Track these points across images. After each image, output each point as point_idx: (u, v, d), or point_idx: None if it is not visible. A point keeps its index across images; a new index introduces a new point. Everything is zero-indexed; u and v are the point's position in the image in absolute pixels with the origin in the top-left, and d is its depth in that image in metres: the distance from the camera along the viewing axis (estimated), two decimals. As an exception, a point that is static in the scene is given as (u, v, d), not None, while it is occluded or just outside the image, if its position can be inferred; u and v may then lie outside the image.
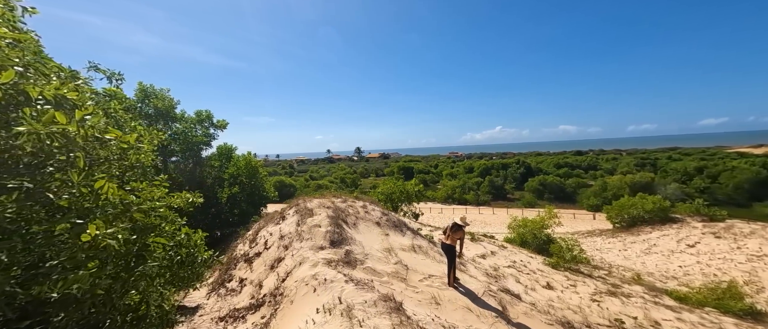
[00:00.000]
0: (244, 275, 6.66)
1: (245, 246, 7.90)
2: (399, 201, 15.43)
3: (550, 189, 51.25)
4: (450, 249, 6.24)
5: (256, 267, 6.74)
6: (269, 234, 7.86)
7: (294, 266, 6.03)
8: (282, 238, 7.34)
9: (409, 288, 6.00)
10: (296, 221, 7.82)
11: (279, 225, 8.17)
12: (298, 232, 7.24)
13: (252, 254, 7.30)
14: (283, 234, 7.52)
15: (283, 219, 8.38)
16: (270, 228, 8.24)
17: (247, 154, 13.55)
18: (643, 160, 69.65)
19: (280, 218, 8.54)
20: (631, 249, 15.45)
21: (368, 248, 7.26)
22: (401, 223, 9.63)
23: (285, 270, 5.99)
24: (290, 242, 7.01)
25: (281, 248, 6.95)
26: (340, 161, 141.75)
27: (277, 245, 7.17)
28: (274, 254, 6.82)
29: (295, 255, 6.38)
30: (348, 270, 6.06)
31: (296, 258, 6.25)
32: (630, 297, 7.91)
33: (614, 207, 19.80)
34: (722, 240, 13.56)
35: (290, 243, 6.94)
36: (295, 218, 8.03)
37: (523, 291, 7.31)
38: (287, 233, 7.46)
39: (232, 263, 7.41)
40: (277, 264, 6.40)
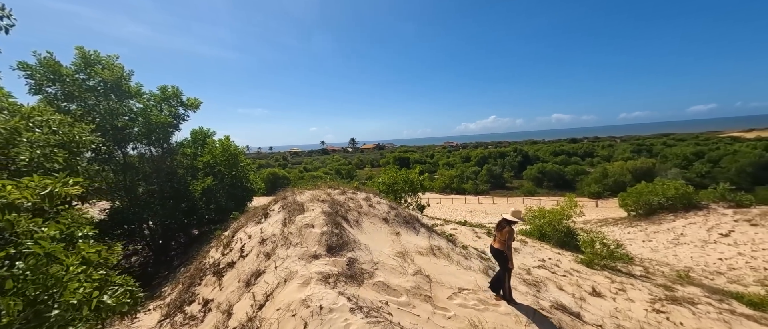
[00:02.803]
0: (210, 295, 4.93)
1: (217, 253, 6.14)
2: (403, 191, 13.75)
3: (549, 176, 50.31)
4: (499, 255, 4.67)
5: (228, 283, 5.00)
6: (247, 236, 6.10)
7: (277, 284, 4.31)
8: (263, 243, 5.60)
9: (437, 311, 4.35)
10: (282, 219, 6.07)
11: (260, 224, 6.41)
12: (284, 235, 5.50)
13: (224, 264, 5.55)
14: (264, 237, 5.77)
15: (265, 217, 6.62)
16: (249, 229, 6.48)
17: (225, 138, 11.57)
18: (639, 146, 69.35)
19: (262, 216, 6.76)
20: (656, 239, 14.15)
21: (377, 253, 5.57)
22: (413, 219, 7.96)
23: (264, 291, 4.27)
24: (273, 248, 5.28)
25: (261, 256, 5.22)
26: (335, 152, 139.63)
27: (256, 252, 5.43)
28: (252, 265, 5.09)
29: (280, 267, 4.66)
30: (353, 288, 4.36)
31: (280, 272, 4.53)
32: (696, 305, 6.46)
33: (631, 194, 18.50)
34: (761, 227, 12.32)
35: (273, 250, 5.21)
36: (281, 215, 6.28)
37: (574, 303, 5.76)
38: (270, 236, 5.72)
39: (198, 276, 5.65)
40: (255, 280, 4.68)
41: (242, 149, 11.68)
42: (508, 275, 4.70)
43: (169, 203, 9.47)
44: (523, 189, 46.69)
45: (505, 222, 4.80)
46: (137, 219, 9.35)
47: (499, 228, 4.85)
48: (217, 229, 7.69)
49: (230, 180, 10.94)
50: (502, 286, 4.80)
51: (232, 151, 11.00)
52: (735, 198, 15.78)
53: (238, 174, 11.21)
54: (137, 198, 9.16)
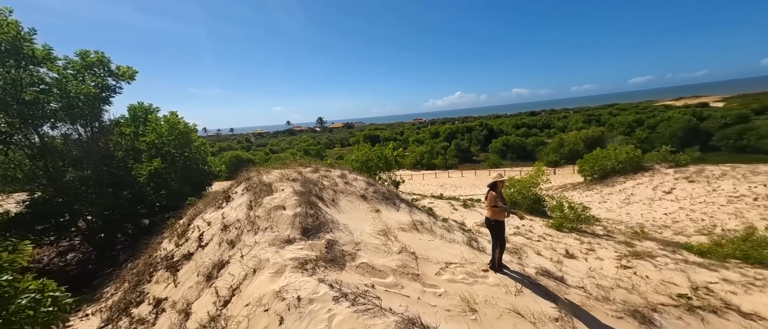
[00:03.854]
0: (162, 293, 4.18)
1: (170, 245, 5.29)
2: (377, 168, 13.31)
3: (512, 148, 52.90)
4: (488, 224, 4.50)
5: (184, 278, 4.27)
6: (206, 223, 5.30)
7: (244, 276, 3.70)
8: (225, 230, 4.86)
9: (427, 289, 4.06)
10: (247, 202, 5.33)
11: (221, 209, 5.60)
12: (250, 219, 4.80)
13: (179, 256, 4.76)
14: (227, 223, 5.02)
15: (227, 201, 5.80)
16: (208, 215, 5.65)
17: (171, 114, 9.97)
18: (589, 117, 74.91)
19: (223, 200, 5.93)
20: (610, 200, 15.39)
21: (358, 233, 5.11)
22: (392, 194, 7.57)
23: (229, 284, 3.64)
24: (238, 235, 4.59)
25: (224, 245, 4.51)
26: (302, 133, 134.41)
27: (217, 240, 4.70)
28: (213, 256, 4.38)
29: (247, 256, 4.02)
30: (335, 273, 3.89)
31: (248, 261, 3.91)
32: (656, 258, 6.98)
33: (587, 160, 19.84)
34: (696, 183, 13.84)
35: (238, 237, 4.52)
36: (246, 198, 5.51)
37: (552, 265, 5.87)
38: (233, 221, 4.98)
39: (147, 272, 4.82)
40: (217, 272, 4.01)
41: (193, 127, 10.23)
42: (501, 246, 4.52)
43: (108, 191, 8.06)
44: (489, 162, 48.75)
45: (490, 188, 4.57)
46: (67, 211, 7.89)
47: (486, 198, 4.62)
48: (171, 218, 6.70)
49: (183, 163, 9.58)
50: (493, 255, 4.64)
51: (181, 129, 9.52)
52: (674, 158, 17.54)
53: (193, 156, 9.86)
54: (64, 187, 7.63)
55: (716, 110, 51.92)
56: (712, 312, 4.56)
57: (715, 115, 44.92)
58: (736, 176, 13.37)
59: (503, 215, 4.54)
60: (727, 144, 36.65)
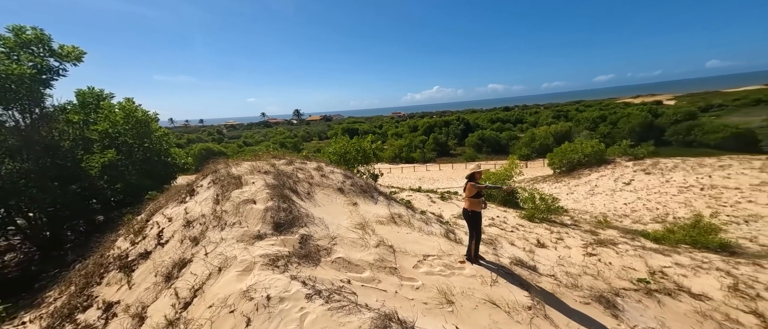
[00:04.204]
0: (114, 296, 3.79)
1: (125, 243, 4.83)
2: (355, 161, 13.09)
3: (487, 142, 54.50)
4: (465, 215, 4.54)
5: (140, 279, 3.90)
6: (167, 219, 4.88)
7: (208, 275, 3.42)
8: (188, 226, 4.50)
9: (404, 283, 4.00)
10: (213, 196, 4.96)
11: (185, 204, 5.19)
12: (216, 214, 4.47)
13: (134, 255, 4.35)
14: (190, 218, 4.65)
15: (191, 195, 5.38)
16: (170, 211, 5.21)
17: (127, 101, 9.02)
18: (559, 113, 78.76)
19: (186, 194, 5.49)
20: (577, 191, 16.27)
21: (334, 227, 4.94)
22: (370, 187, 7.43)
23: (191, 285, 3.35)
24: (203, 231, 4.25)
25: (187, 242, 4.17)
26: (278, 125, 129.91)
27: (179, 237, 4.34)
28: (174, 254, 4.03)
29: (212, 253, 3.73)
30: (309, 269, 3.71)
31: (213, 259, 3.62)
32: (617, 245, 7.44)
33: (557, 154, 20.80)
34: (652, 175, 14.95)
35: (202, 234, 4.19)
36: (212, 192, 5.13)
37: (525, 255, 6.05)
38: (198, 216, 4.62)
39: (97, 273, 4.36)
40: (178, 272, 3.69)
41: (154, 115, 9.35)
42: (477, 237, 4.54)
43: (52, 185, 7.18)
44: (466, 156, 49.93)
45: (468, 180, 4.57)
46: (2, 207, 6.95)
47: (464, 189, 4.62)
48: (127, 213, 6.13)
49: (142, 154, 8.77)
50: (469, 246, 4.67)
51: (139, 118, 8.65)
52: (633, 152, 18.83)
53: (154, 147, 9.03)
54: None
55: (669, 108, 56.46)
56: (667, 295, 4.90)
57: (667, 112, 48.82)
58: (686, 168, 14.62)
59: (480, 206, 4.55)
60: (678, 139, 40.05)
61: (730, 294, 5.06)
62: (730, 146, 33.38)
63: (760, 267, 6.16)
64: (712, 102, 67.27)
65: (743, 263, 6.42)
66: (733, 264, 6.31)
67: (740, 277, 5.70)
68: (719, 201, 11.15)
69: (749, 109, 54.27)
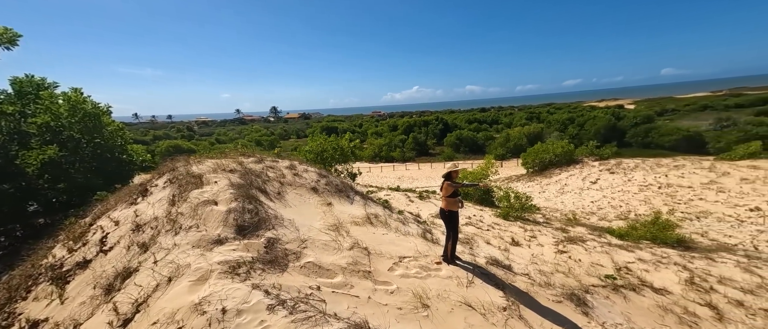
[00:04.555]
0: (42, 312, 3.29)
1: (62, 250, 4.26)
2: (333, 160, 12.73)
3: (465, 142, 55.71)
4: (442, 215, 4.45)
5: (75, 292, 3.42)
6: (113, 223, 4.37)
7: (156, 286, 3.04)
8: (138, 230, 4.03)
9: (378, 287, 3.81)
10: (169, 197, 4.50)
11: (135, 206, 4.68)
12: (170, 217, 4.03)
13: (70, 265, 3.83)
14: (140, 221, 4.17)
15: (143, 196, 4.87)
16: (118, 213, 4.68)
17: (73, 91, 8.03)
18: (531, 114, 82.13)
19: (138, 194, 4.97)
20: (548, 190, 16.91)
21: (305, 229, 4.65)
22: (346, 187, 7.17)
23: (134, 298, 2.95)
24: (154, 236, 3.82)
25: (134, 249, 3.71)
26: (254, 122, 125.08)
27: (125, 244, 3.87)
28: (118, 263, 3.58)
29: (162, 261, 3.33)
30: (274, 276, 3.42)
31: (162, 268, 3.23)
32: (586, 242, 7.71)
33: (530, 154, 21.53)
34: (616, 174, 15.85)
35: (153, 239, 3.76)
36: (168, 192, 4.66)
37: (501, 254, 6.07)
38: (149, 220, 4.15)
39: (23, 287, 3.79)
40: (121, 283, 3.26)
41: (105, 108, 8.41)
42: (454, 237, 4.44)
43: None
44: (444, 155, 50.73)
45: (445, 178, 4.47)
46: None
47: (441, 189, 4.51)
48: (70, 216, 5.46)
49: (92, 151, 7.86)
50: (445, 246, 4.56)
51: (88, 111, 7.73)
52: (599, 153, 19.88)
53: (106, 143, 8.12)
54: None
55: (629, 111, 60.58)
56: (631, 290, 5.07)
57: (628, 115, 52.32)
58: (646, 168, 15.66)
59: (457, 206, 4.46)
60: (637, 140, 43.03)
61: (687, 287, 5.34)
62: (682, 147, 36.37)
63: (711, 261, 6.59)
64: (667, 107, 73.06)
65: (697, 257, 6.85)
66: (689, 259, 6.71)
67: (695, 271, 6.05)
68: (674, 199, 12.00)
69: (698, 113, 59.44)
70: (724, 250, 7.61)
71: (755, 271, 6.08)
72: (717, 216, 10.24)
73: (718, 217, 10.18)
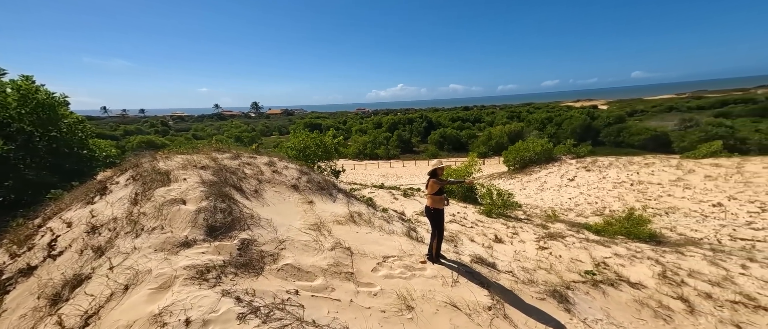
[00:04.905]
0: (-22, 331, 2.87)
1: (4, 256, 3.79)
2: (315, 157, 12.38)
3: (449, 140, 56.38)
4: (428, 213, 4.38)
5: (15, 303, 3.02)
6: (65, 225, 3.93)
7: (110, 295, 2.72)
8: (93, 232, 3.63)
9: (361, 289, 3.63)
10: (131, 195, 4.10)
11: (91, 205, 4.24)
12: (131, 218, 3.67)
13: (12, 272, 3.40)
14: (97, 223, 3.77)
15: (102, 195, 4.43)
16: (71, 214, 4.23)
17: (23, 79, 7.22)
18: (512, 113, 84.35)
19: (96, 193, 4.52)
20: (528, 187, 17.32)
21: (284, 229, 4.40)
22: (328, 184, 6.93)
23: (84, 309, 2.62)
24: (111, 239, 3.45)
25: (87, 254, 3.34)
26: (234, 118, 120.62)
27: (78, 248, 3.47)
28: (68, 269, 3.20)
29: (118, 267, 3.00)
30: (248, 281, 3.17)
31: (118, 275, 2.90)
32: (565, 238, 7.87)
33: (511, 152, 22.00)
34: (592, 172, 16.46)
35: (110, 242, 3.39)
36: (130, 190, 4.26)
37: (484, 251, 6.06)
38: (107, 221, 3.76)
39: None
40: (70, 292, 2.90)
41: (61, 98, 7.62)
42: (439, 235, 4.33)
43: None
44: (428, 153, 51.10)
45: (430, 176, 4.35)
46: None
47: (427, 186, 4.38)
48: (18, 217, 4.90)
49: (47, 145, 7.10)
50: (430, 245, 4.45)
51: (41, 101, 6.96)
52: (576, 151, 20.59)
53: (63, 137, 7.37)
54: None
55: (603, 112, 63.45)
56: (610, 285, 5.18)
57: (602, 115, 54.75)
58: (619, 166, 16.38)
59: (443, 203, 4.35)
60: (610, 139, 45.12)
61: (660, 281, 5.53)
62: (650, 146, 38.49)
63: (681, 255, 6.90)
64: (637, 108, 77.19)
65: (668, 251, 7.15)
66: (661, 253, 6.99)
67: (667, 265, 6.29)
68: (645, 195, 12.60)
69: (664, 114, 63.13)
70: (692, 244, 8.00)
71: (720, 264, 6.41)
72: (684, 212, 10.84)
73: (684, 212, 10.78)
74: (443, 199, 4.39)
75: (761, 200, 10.87)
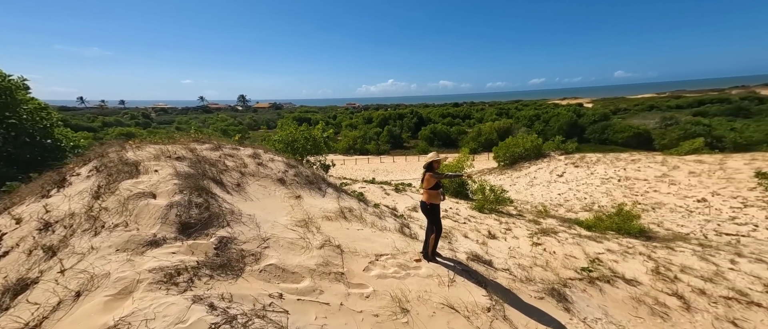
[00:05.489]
0: None
1: (-60, 259, 3.28)
2: (304, 151, 11.93)
3: (439, 136, 56.47)
4: (424, 209, 4.11)
5: (-50, 316, 2.56)
6: (13, 221, 3.47)
7: (58, 303, 2.33)
8: (45, 230, 3.19)
9: (352, 290, 3.35)
10: (93, 188, 3.66)
11: (47, 199, 3.78)
12: (91, 213, 3.24)
13: (-52, 279, 2.92)
14: (51, 219, 3.33)
15: (60, 187, 3.96)
16: (22, 209, 3.75)
17: None
18: (501, 110, 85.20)
19: (53, 185, 4.04)
20: (518, 183, 17.38)
21: (268, 226, 4.04)
22: (318, 178, 6.57)
23: (24, 322, 2.22)
24: (66, 237, 3.03)
25: (37, 254, 2.91)
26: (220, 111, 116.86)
27: (27, 247, 3.04)
28: (11, 272, 2.77)
29: (71, 270, 2.59)
30: (225, 284, 2.83)
31: (72, 279, 2.51)
32: (558, 234, 7.81)
33: (501, 148, 22.05)
34: (580, 168, 16.64)
35: (65, 241, 2.97)
36: (92, 182, 3.80)
37: (479, 248, 5.87)
38: (63, 216, 3.32)
39: None
40: (12, 300, 2.49)
41: (20, 81, 6.89)
42: (436, 232, 4.07)
43: None
44: (419, 148, 51.01)
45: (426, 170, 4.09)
46: None
47: (422, 180, 4.11)
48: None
49: (3, 134, 6.41)
50: (426, 242, 4.20)
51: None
52: (564, 147, 20.81)
53: (23, 124, 6.65)
54: None
55: (588, 110, 64.88)
56: (606, 282, 5.08)
57: (587, 113, 55.94)
58: (606, 162, 16.63)
59: (439, 198, 4.10)
60: (595, 136, 46.17)
61: (654, 277, 5.47)
62: (633, 144, 39.58)
63: (671, 250, 6.92)
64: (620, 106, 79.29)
65: (658, 247, 7.17)
66: (652, 249, 6.99)
67: (659, 260, 6.28)
68: (632, 191, 12.80)
69: (645, 113, 65.06)
70: (680, 239, 8.09)
71: (710, 259, 6.44)
72: (669, 207, 11.04)
73: (670, 208, 10.97)
74: (439, 194, 4.14)
75: (743, 196, 11.20)
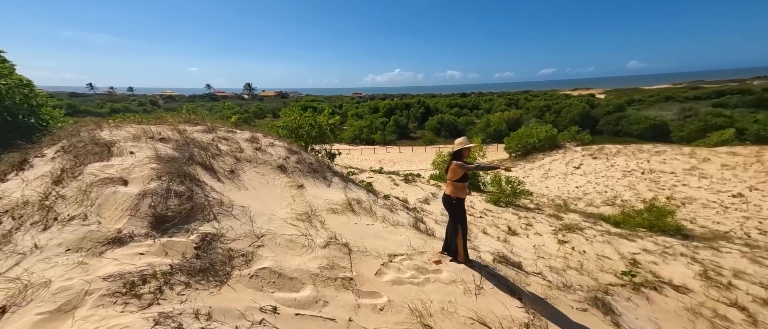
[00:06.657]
0: None
1: None
2: (309, 138, 11.29)
3: (446, 126, 55.30)
4: (448, 203, 3.45)
5: None
6: (-41, 212, 2.88)
7: (-17, 325, 1.73)
8: (-9, 223, 2.61)
9: (363, 300, 2.74)
10: (54, 172, 3.07)
11: (4, 184, 3.21)
12: (46, 202, 2.66)
13: None
14: (1, 207, 2.75)
15: (19, 170, 3.38)
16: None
17: None
18: (510, 101, 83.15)
19: (13, 168, 3.47)
20: (532, 175, 16.59)
21: (264, 219, 3.44)
22: (322, 166, 5.95)
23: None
24: (11, 231, 2.45)
25: (-23, 255, 2.33)
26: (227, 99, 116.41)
27: (-33, 245, 2.46)
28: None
29: (2, 277, 2.00)
30: (205, 294, 2.24)
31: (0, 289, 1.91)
32: (584, 231, 7.12)
33: (513, 138, 21.16)
34: (599, 160, 15.76)
35: (8, 237, 2.40)
36: (56, 165, 3.22)
37: (503, 246, 5.24)
38: (15, 205, 2.75)
39: None
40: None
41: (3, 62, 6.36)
42: (462, 230, 3.43)
43: None
44: (425, 139, 50.05)
45: (453, 157, 3.42)
46: None
47: (448, 170, 3.46)
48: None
49: None
50: (450, 243, 3.57)
51: None
52: (580, 138, 19.84)
53: (3, 102, 6.14)
54: None
55: (601, 100, 62.77)
56: (652, 289, 4.42)
57: (601, 104, 54.09)
58: (628, 153, 15.71)
59: (465, 192, 3.45)
60: (608, 128, 44.65)
61: (705, 283, 4.79)
62: (649, 136, 38.08)
63: (716, 251, 6.20)
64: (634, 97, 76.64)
65: (700, 247, 6.45)
66: (693, 249, 6.28)
67: (705, 263, 5.58)
68: (658, 185, 11.98)
69: (662, 104, 62.74)
70: (721, 238, 7.34)
71: (763, 262, 5.72)
72: (702, 203, 10.23)
73: (702, 203, 10.17)
74: (465, 187, 3.50)
75: (784, 191, 10.31)
